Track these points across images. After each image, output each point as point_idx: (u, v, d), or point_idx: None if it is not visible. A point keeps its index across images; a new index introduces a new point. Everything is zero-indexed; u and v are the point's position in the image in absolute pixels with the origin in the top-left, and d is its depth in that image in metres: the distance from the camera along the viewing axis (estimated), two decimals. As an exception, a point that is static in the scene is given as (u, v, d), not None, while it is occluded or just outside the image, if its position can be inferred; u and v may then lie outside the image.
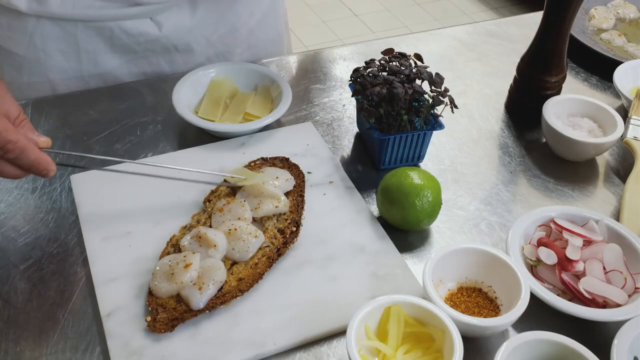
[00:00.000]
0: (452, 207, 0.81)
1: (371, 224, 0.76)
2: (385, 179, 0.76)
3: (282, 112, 0.88)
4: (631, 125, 0.88)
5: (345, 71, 1.04)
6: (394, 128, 0.81)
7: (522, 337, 0.60)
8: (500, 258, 0.68)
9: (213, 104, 0.90)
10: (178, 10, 0.99)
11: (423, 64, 0.84)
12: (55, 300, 0.68)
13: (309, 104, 0.96)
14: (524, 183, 0.86)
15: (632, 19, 1.20)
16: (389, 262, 0.72)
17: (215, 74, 0.93)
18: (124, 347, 0.63)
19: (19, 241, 0.74)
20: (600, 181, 0.87)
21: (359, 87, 0.82)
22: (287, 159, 0.83)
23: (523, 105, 0.96)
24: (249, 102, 0.90)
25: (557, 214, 0.74)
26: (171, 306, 0.66)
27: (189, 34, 1.01)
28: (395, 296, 0.63)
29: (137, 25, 0.96)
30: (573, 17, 0.86)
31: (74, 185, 0.79)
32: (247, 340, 0.64)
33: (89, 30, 0.95)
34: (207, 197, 0.77)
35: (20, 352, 0.63)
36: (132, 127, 0.90)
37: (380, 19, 3.29)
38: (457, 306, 0.67)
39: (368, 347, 0.61)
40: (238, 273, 0.69)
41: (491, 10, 3.39)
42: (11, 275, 0.70)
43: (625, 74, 0.98)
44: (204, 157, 0.84)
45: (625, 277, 0.68)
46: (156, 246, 0.72)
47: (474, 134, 0.94)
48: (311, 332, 0.65)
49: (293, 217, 0.75)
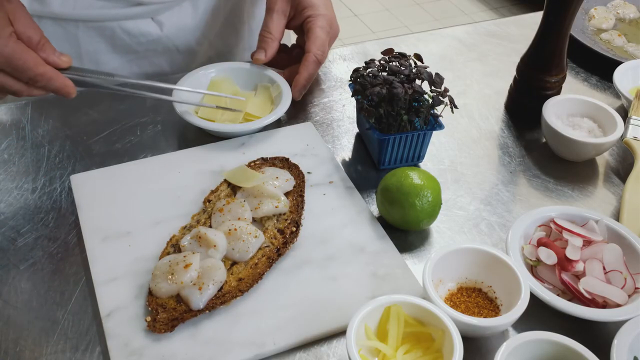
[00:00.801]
0: (452, 207, 0.81)
1: (371, 224, 0.76)
2: (385, 179, 0.76)
3: (282, 112, 0.88)
4: (631, 125, 0.88)
5: (345, 71, 1.04)
6: (394, 128, 0.81)
7: (522, 337, 0.60)
8: (500, 258, 0.68)
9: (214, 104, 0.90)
10: (179, 10, 0.99)
11: (423, 64, 0.84)
12: (55, 300, 0.68)
13: (309, 104, 0.96)
14: (523, 183, 0.86)
15: (632, 19, 1.20)
16: (389, 262, 0.72)
17: (215, 74, 0.93)
18: (124, 347, 0.63)
19: (19, 241, 0.74)
20: (600, 181, 0.87)
21: (358, 87, 0.82)
22: (287, 159, 0.83)
23: (523, 105, 0.96)
24: (249, 102, 0.90)
25: (557, 214, 0.74)
26: (171, 306, 0.66)
27: (190, 34, 1.01)
28: (395, 296, 0.63)
29: (138, 25, 0.96)
30: (573, 17, 0.86)
31: (73, 185, 0.79)
32: (247, 340, 0.64)
33: (90, 30, 0.95)
34: (207, 197, 0.77)
35: (20, 352, 0.63)
36: (132, 127, 0.90)
37: (380, 19, 3.29)
38: (457, 306, 0.67)
39: (368, 347, 0.61)
40: (238, 273, 0.69)
41: (491, 10, 3.39)
42: (11, 275, 0.70)
43: (625, 74, 0.98)
44: (204, 157, 0.84)
45: (625, 277, 0.68)
46: (156, 246, 0.72)
47: (473, 134, 0.94)
48: (311, 332, 0.65)
49: (293, 217, 0.75)
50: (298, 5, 0.93)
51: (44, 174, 0.82)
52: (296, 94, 0.91)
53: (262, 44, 0.92)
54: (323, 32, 0.92)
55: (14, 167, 0.83)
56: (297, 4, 0.93)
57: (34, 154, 0.85)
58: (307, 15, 0.93)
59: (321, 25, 0.92)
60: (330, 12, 0.95)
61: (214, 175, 0.81)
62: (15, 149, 0.85)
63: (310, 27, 0.92)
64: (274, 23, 0.92)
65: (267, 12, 0.93)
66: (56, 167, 0.83)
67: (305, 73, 0.91)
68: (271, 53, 0.92)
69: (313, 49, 0.91)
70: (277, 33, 0.92)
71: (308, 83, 0.92)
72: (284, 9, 0.92)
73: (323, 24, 0.93)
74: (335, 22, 0.96)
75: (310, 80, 0.92)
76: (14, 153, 0.85)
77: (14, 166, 0.83)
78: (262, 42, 0.92)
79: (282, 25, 0.93)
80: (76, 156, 0.85)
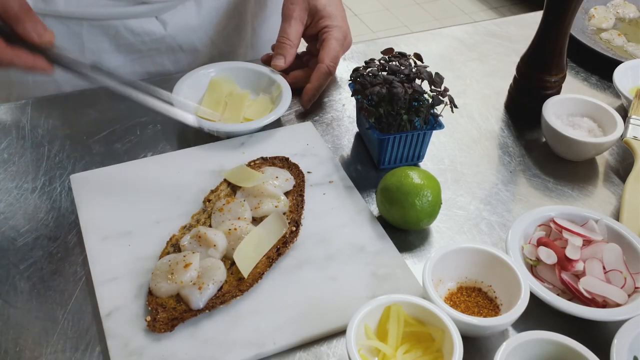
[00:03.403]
0: (452, 206, 0.81)
1: (371, 224, 0.76)
2: (385, 179, 0.76)
3: (282, 111, 0.88)
4: (631, 125, 0.88)
5: (345, 71, 1.04)
6: (394, 128, 0.81)
7: (522, 337, 0.60)
8: (500, 258, 0.68)
9: (213, 104, 0.90)
10: (183, 10, 0.99)
11: (423, 64, 0.84)
12: (55, 299, 0.68)
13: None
14: (523, 183, 0.86)
15: (631, 18, 1.20)
16: (389, 262, 0.72)
17: (214, 73, 0.93)
18: (124, 347, 0.63)
19: (19, 241, 0.74)
20: (600, 181, 0.87)
21: (358, 87, 0.82)
22: (286, 159, 0.83)
23: (523, 105, 0.96)
24: (247, 102, 0.90)
25: (556, 214, 0.74)
26: (171, 306, 0.66)
27: (193, 33, 1.01)
28: (395, 296, 0.63)
29: (142, 24, 0.96)
30: (573, 17, 0.86)
31: (73, 185, 0.79)
32: (247, 339, 0.64)
33: (94, 29, 0.95)
34: (206, 197, 0.77)
35: (20, 352, 0.63)
36: (131, 126, 0.90)
37: (380, 19, 3.29)
38: (456, 306, 0.67)
39: (368, 346, 0.61)
40: (238, 273, 0.69)
41: (491, 9, 3.39)
42: (11, 275, 0.70)
43: (625, 73, 0.98)
44: (204, 156, 0.84)
45: (625, 277, 0.68)
46: (156, 246, 0.72)
47: (473, 133, 0.94)
48: (311, 331, 0.65)
49: (293, 216, 0.75)
50: (315, 14, 0.93)
51: (44, 174, 0.82)
52: (306, 103, 0.92)
53: (281, 50, 0.92)
54: (338, 44, 0.93)
55: (13, 166, 0.83)
56: (315, 13, 0.93)
57: (33, 153, 0.85)
58: (324, 26, 0.93)
59: (337, 37, 0.93)
60: (346, 24, 0.96)
61: (214, 175, 0.81)
62: (15, 149, 0.85)
63: (326, 38, 0.93)
64: (292, 30, 0.92)
65: (285, 19, 0.93)
66: (56, 166, 0.83)
67: (316, 83, 0.91)
68: (290, 59, 0.92)
69: (326, 60, 0.91)
70: (295, 39, 0.93)
71: (318, 92, 0.93)
72: (302, 16, 0.93)
73: (339, 36, 0.93)
74: (349, 35, 0.96)
75: (320, 90, 0.93)
76: (13, 152, 0.85)
77: (14, 166, 0.83)
78: (280, 48, 0.93)
79: (300, 32, 0.94)
80: (76, 156, 0.85)
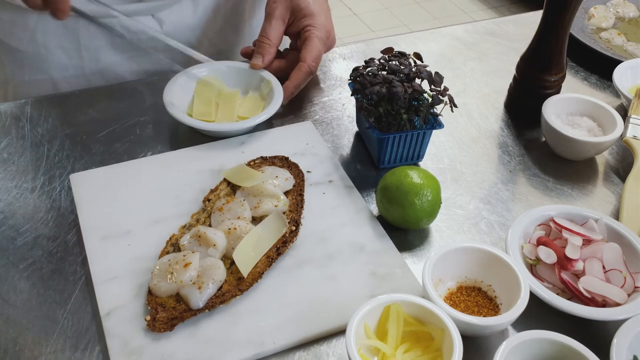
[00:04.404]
0: (452, 206, 0.81)
1: (371, 223, 0.76)
2: (384, 178, 0.76)
3: (274, 110, 0.87)
4: (631, 124, 0.88)
5: (344, 70, 1.04)
6: (394, 127, 0.81)
7: (522, 336, 0.60)
8: (500, 257, 0.68)
9: (205, 105, 0.89)
10: (179, 8, 0.99)
11: (422, 63, 0.84)
12: (54, 299, 0.68)
13: (309, 103, 0.96)
14: (523, 182, 0.86)
15: (631, 17, 1.20)
16: (389, 261, 0.72)
17: (206, 72, 0.92)
18: (124, 346, 0.63)
19: (18, 240, 0.74)
20: (599, 180, 0.87)
21: (358, 86, 0.82)
22: (286, 158, 0.83)
23: (522, 105, 0.96)
24: (238, 101, 0.90)
25: (556, 213, 0.74)
26: (171, 305, 0.66)
27: (190, 32, 1.01)
28: (395, 295, 0.63)
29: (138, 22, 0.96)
30: (572, 16, 0.86)
31: (73, 185, 0.79)
32: (246, 339, 0.64)
33: (91, 26, 0.95)
34: (206, 197, 0.77)
35: (19, 351, 0.63)
36: (131, 126, 0.90)
37: (380, 18, 3.29)
38: (456, 305, 0.67)
39: (367, 346, 0.61)
40: (237, 272, 0.69)
41: (490, 9, 3.39)
42: (10, 274, 0.70)
43: (624, 73, 0.98)
44: (204, 156, 0.84)
45: (625, 276, 0.68)
46: (156, 245, 0.72)
47: (473, 133, 0.94)
48: (311, 331, 0.65)
49: (292, 216, 0.75)
50: (298, 12, 0.93)
51: (44, 173, 0.82)
52: (284, 100, 0.91)
53: (260, 49, 0.92)
54: (320, 42, 0.93)
55: (13, 166, 0.83)
56: (297, 12, 0.93)
57: (33, 153, 0.85)
58: (307, 24, 0.93)
59: (319, 36, 0.93)
60: (329, 22, 0.95)
61: (214, 174, 0.81)
62: (15, 148, 0.85)
63: (308, 37, 0.93)
64: (273, 29, 0.92)
65: (266, 18, 0.93)
66: (55, 166, 0.83)
67: (297, 82, 0.91)
68: (268, 59, 0.92)
69: (308, 60, 0.91)
70: (275, 39, 0.93)
71: (297, 90, 0.93)
72: (284, 15, 0.93)
73: (321, 35, 0.93)
74: (332, 33, 0.96)
75: (299, 88, 0.93)
76: (13, 152, 0.85)
77: (13, 165, 0.83)
78: (259, 47, 0.93)
79: (281, 31, 0.93)
80: (75, 155, 0.85)
